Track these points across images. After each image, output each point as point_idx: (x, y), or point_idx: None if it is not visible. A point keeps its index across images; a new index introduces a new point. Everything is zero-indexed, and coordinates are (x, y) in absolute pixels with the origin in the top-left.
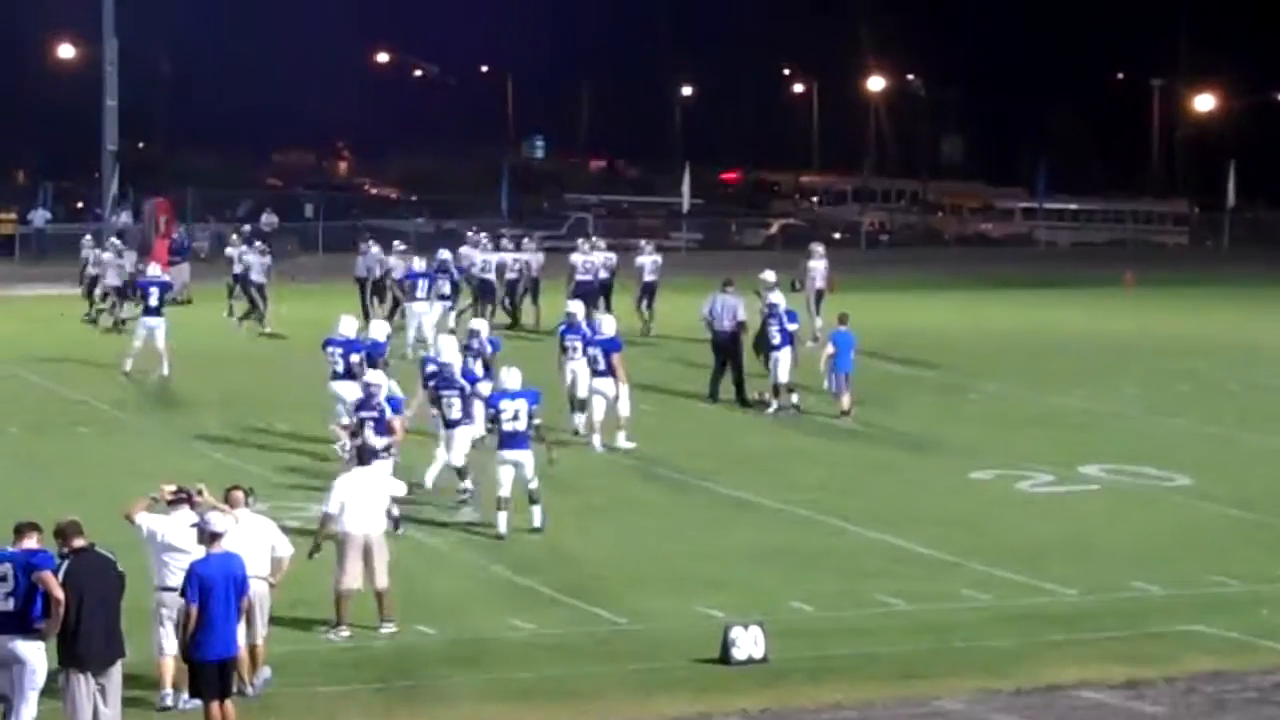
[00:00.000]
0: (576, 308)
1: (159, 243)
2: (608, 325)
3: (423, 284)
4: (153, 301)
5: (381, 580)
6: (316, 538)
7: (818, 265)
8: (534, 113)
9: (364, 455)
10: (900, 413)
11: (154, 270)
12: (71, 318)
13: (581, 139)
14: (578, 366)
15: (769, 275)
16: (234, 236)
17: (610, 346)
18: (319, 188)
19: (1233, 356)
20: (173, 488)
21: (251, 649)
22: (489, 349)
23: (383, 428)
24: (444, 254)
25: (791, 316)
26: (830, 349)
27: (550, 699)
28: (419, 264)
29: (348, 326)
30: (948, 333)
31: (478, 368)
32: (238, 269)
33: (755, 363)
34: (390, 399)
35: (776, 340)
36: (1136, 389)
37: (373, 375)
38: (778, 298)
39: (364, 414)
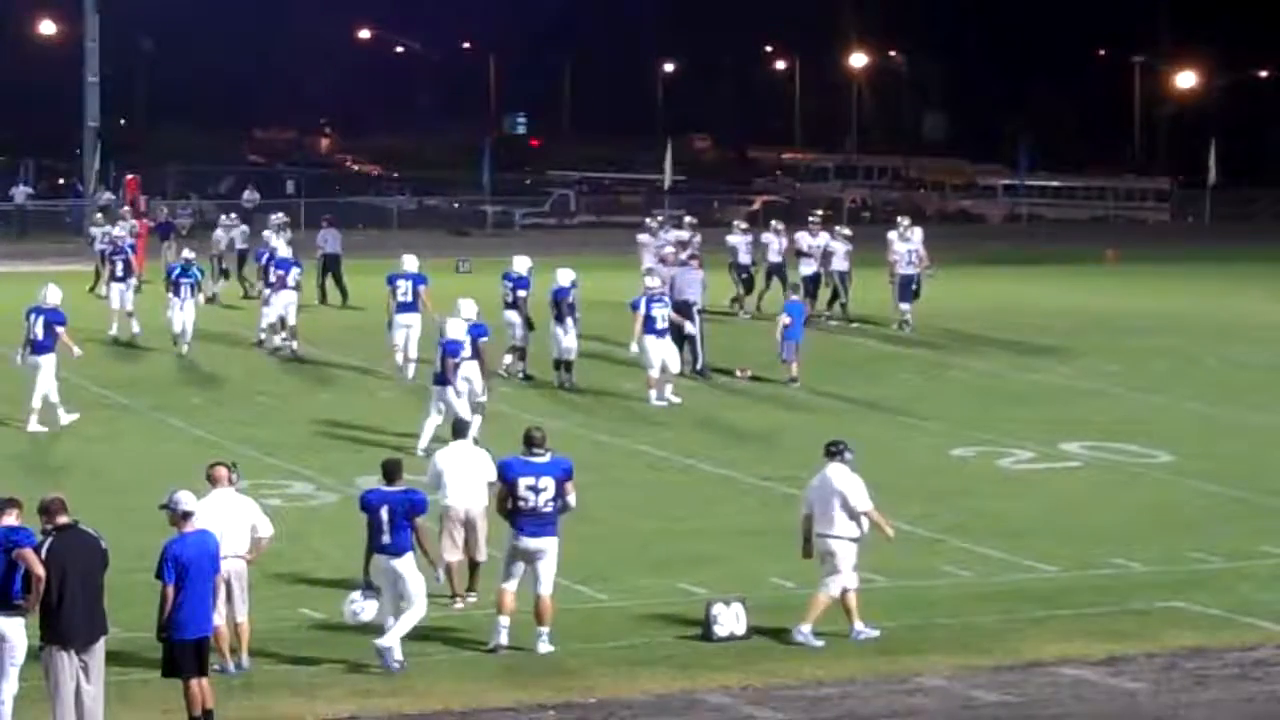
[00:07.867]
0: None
1: (139, 223)
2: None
3: (294, 272)
4: (119, 270)
5: (481, 554)
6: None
7: (902, 248)
8: (516, 89)
9: (458, 429)
10: (882, 389)
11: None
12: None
13: (565, 117)
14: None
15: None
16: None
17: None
18: (301, 164)
19: (1214, 333)
20: None
21: (235, 627)
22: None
23: None
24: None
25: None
26: (786, 319)
27: (532, 676)
28: (285, 250)
29: (521, 265)
30: (929, 309)
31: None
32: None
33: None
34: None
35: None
36: (1118, 366)
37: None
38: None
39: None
